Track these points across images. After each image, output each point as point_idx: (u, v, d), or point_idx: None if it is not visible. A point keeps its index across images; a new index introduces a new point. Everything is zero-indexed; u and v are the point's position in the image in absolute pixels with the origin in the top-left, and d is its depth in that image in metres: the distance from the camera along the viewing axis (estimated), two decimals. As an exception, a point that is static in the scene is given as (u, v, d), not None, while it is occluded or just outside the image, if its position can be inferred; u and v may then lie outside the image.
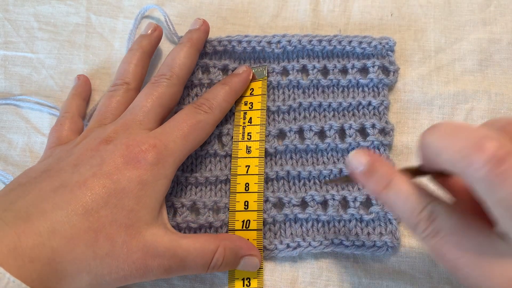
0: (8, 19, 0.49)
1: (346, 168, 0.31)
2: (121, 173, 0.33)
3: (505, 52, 0.46)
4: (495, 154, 0.22)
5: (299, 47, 0.45)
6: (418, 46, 0.46)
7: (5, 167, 0.44)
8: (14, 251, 0.28)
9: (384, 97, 0.43)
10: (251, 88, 0.44)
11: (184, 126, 0.37)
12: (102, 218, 0.32)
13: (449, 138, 0.25)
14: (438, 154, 0.26)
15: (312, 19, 0.48)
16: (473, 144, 0.23)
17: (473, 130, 0.24)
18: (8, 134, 0.45)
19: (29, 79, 0.47)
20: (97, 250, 0.31)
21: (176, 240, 0.34)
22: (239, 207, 0.40)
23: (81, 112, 0.44)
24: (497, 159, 0.22)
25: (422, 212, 0.27)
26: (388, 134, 0.42)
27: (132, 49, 0.43)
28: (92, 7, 0.49)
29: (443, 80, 0.45)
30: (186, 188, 0.42)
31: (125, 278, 0.33)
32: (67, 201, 0.31)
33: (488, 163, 0.22)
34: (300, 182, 0.42)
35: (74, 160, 0.35)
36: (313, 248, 0.39)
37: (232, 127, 0.43)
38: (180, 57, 0.41)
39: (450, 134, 0.25)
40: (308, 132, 0.43)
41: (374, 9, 0.48)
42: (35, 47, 0.48)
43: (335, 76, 0.44)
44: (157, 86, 0.39)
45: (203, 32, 0.44)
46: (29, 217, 0.30)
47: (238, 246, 0.37)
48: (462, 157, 0.24)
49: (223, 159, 0.43)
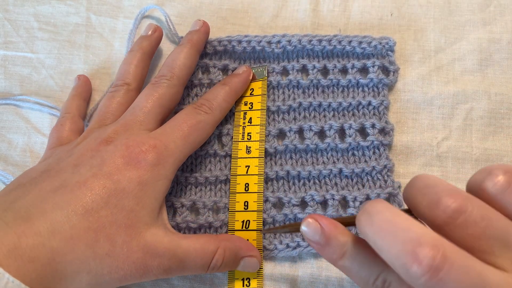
0: (8, 19, 0.49)
1: (303, 235, 0.31)
2: (121, 174, 0.33)
3: (505, 52, 0.46)
4: (431, 263, 0.23)
5: (299, 47, 0.45)
6: (418, 46, 0.46)
7: (5, 167, 0.44)
8: (14, 251, 0.28)
9: (384, 97, 0.43)
10: (251, 88, 0.44)
11: (184, 126, 0.37)
12: (102, 218, 0.32)
13: (385, 238, 0.25)
14: (378, 250, 0.26)
15: (312, 19, 0.48)
16: (409, 252, 0.24)
17: (409, 231, 0.24)
18: (8, 134, 0.45)
19: (29, 79, 0.47)
20: (97, 250, 0.31)
21: (176, 241, 0.34)
22: (239, 207, 0.40)
23: (82, 113, 0.44)
24: (433, 269, 0.23)
25: (376, 281, 0.28)
26: (388, 134, 0.42)
27: (133, 50, 0.43)
28: (92, 7, 0.49)
29: (443, 80, 0.45)
30: (185, 188, 0.42)
31: (125, 278, 0.33)
32: (67, 201, 0.31)
33: (426, 273, 0.23)
34: (299, 182, 0.42)
35: (74, 160, 0.35)
36: (312, 248, 0.39)
37: (232, 127, 0.43)
38: (180, 58, 0.41)
39: (386, 233, 0.25)
40: (308, 132, 0.43)
41: (374, 9, 0.48)
42: (35, 47, 0.48)
43: (335, 76, 0.44)
44: (158, 87, 0.39)
45: (203, 33, 0.44)
46: (29, 217, 0.30)
47: (238, 246, 0.37)
48: (400, 265, 0.24)
49: (223, 159, 0.43)
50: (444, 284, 0.23)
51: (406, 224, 0.25)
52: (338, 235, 0.30)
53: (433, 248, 0.23)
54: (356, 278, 0.29)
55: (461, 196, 0.26)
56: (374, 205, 0.27)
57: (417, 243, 0.24)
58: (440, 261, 0.23)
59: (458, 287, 0.23)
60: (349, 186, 0.41)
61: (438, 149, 0.43)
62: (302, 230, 0.31)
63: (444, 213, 0.25)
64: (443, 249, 0.23)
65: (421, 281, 0.23)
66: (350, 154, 0.42)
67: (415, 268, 0.23)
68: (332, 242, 0.29)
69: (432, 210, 0.26)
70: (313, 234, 0.30)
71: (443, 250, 0.23)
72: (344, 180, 0.42)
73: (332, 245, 0.29)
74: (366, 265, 0.28)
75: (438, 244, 0.24)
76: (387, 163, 0.41)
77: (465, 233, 0.25)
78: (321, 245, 0.30)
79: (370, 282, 0.28)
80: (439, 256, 0.23)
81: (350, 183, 0.41)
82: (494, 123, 0.44)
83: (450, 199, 0.25)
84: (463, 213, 0.25)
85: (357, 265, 0.29)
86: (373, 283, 0.28)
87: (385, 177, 0.41)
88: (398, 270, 0.25)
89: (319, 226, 0.30)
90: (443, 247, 0.24)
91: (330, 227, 0.30)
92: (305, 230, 0.30)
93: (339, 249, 0.29)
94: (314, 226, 0.30)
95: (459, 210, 0.25)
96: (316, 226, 0.30)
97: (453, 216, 0.25)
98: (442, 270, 0.23)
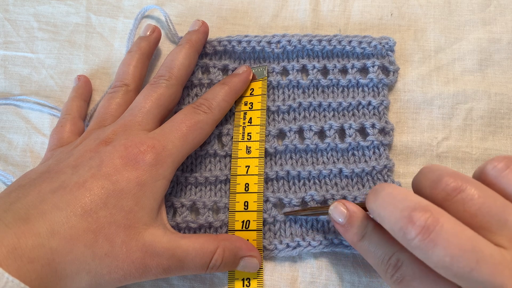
0: (8, 19, 0.49)
1: (330, 217, 0.36)
2: (120, 174, 0.33)
3: (505, 52, 0.46)
4: (423, 224, 0.26)
5: (299, 47, 0.45)
6: (418, 46, 0.46)
7: (5, 167, 0.44)
8: (14, 251, 0.28)
9: (384, 97, 0.43)
10: (251, 88, 0.44)
11: (183, 126, 0.37)
12: (101, 218, 0.32)
13: (387, 208, 0.29)
14: (381, 221, 0.29)
15: (312, 19, 0.48)
16: (405, 216, 0.27)
17: (406, 200, 0.28)
18: (8, 134, 0.45)
19: (29, 79, 0.47)
20: (96, 250, 0.31)
21: (175, 240, 0.34)
22: (239, 207, 0.40)
23: (82, 114, 0.44)
24: (426, 229, 0.26)
25: (390, 260, 0.31)
26: (388, 134, 0.42)
27: (131, 51, 0.44)
28: (92, 7, 0.49)
29: (443, 80, 0.45)
30: (185, 188, 0.42)
31: (124, 277, 0.33)
32: (66, 202, 0.31)
33: (419, 234, 0.26)
34: (300, 182, 0.42)
35: (73, 161, 0.35)
36: (312, 248, 0.39)
37: (232, 127, 0.43)
38: (179, 58, 0.41)
39: (387, 204, 0.29)
40: (308, 132, 0.43)
41: (374, 9, 0.48)
42: (35, 47, 0.48)
43: (335, 76, 0.44)
44: (156, 87, 0.39)
45: (202, 33, 0.44)
46: (29, 218, 0.30)
47: (237, 246, 0.37)
48: (398, 229, 0.27)
49: (223, 159, 0.43)
50: (435, 245, 0.26)
51: (404, 195, 0.28)
52: (360, 219, 0.34)
53: (425, 211, 0.26)
54: (373, 257, 0.32)
55: (460, 177, 0.28)
56: (381, 184, 0.31)
57: (412, 209, 0.27)
58: (431, 222, 0.26)
59: (449, 248, 0.26)
60: (349, 186, 0.41)
61: (438, 149, 0.43)
62: (330, 212, 0.35)
63: (444, 190, 0.28)
64: (435, 213, 0.26)
65: (415, 242, 0.26)
66: (350, 154, 0.42)
67: (410, 229, 0.26)
68: (354, 225, 0.34)
69: (433, 189, 0.29)
70: (339, 217, 0.35)
71: (435, 213, 0.26)
72: (344, 180, 0.42)
73: (354, 227, 0.34)
74: (382, 245, 0.32)
75: (431, 209, 0.27)
76: (387, 163, 0.41)
77: (462, 209, 0.27)
78: (344, 227, 0.34)
79: (385, 261, 0.31)
80: (431, 218, 0.26)
81: (350, 183, 0.41)
82: (494, 123, 0.44)
83: (450, 178, 0.28)
84: (462, 191, 0.28)
85: (374, 245, 0.32)
86: (387, 262, 0.31)
87: (385, 177, 0.41)
88: (397, 235, 0.28)
89: (346, 210, 0.34)
90: (435, 211, 0.27)
91: (354, 212, 0.34)
92: (333, 213, 0.35)
93: (360, 230, 0.33)
94: (341, 210, 0.35)
95: (458, 188, 0.28)
96: (342, 210, 0.35)
97: (452, 194, 0.28)
98: (433, 231, 0.26)
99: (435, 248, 0.26)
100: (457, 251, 0.25)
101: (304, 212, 0.39)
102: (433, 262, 0.26)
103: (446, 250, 0.26)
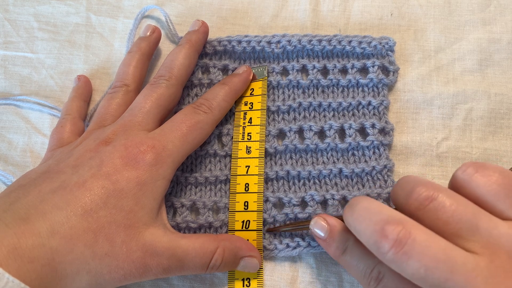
0: (8, 19, 0.49)
1: (311, 232, 0.36)
2: (120, 174, 0.34)
3: (505, 52, 0.46)
4: (396, 238, 0.26)
5: (299, 47, 0.45)
6: (418, 46, 0.46)
7: (5, 167, 0.44)
8: (14, 251, 0.28)
9: (384, 97, 0.43)
10: (251, 88, 0.44)
11: (182, 126, 0.37)
12: (101, 218, 0.32)
13: (362, 222, 0.29)
14: (357, 235, 0.30)
15: (312, 19, 0.48)
16: (378, 230, 0.27)
17: (380, 214, 0.28)
18: (8, 134, 0.45)
19: (29, 79, 0.47)
20: (96, 250, 0.31)
21: (175, 240, 0.34)
22: (239, 207, 0.40)
23: (82, 114, 0.44)
24: (398, 242, 0.26)
25: (372, 273, 0.31)
26: (388, 134, 0.42)
27: (131, 51, 0.44)
28: (92, 7, 0.49)
29: (442, 80, 0.45)
30: (185, 188, 0.42)
31: (125, 277, 0.33)
32: (66, 202, 0.31)
33: (392, 247, 0.26)
34: (299, 182, 0.42)
35: (73, 161, 0.35)
36: (312, 248, 0.39)
37: (232, 127, 0.43)
38: (179, 58, 0.41)
39: (363, 218, 0.29)
40: (308, 132, 0.43)
41: (374, 9, 0.48)
42: (35, 47, 0.48)
43: (335, 76, 0.44)
44: (156, 87, 0.39)
45: (202, 33, 0.44)
46: (29, 218, 0.30)
47: (237, 246, 0.37)
48: (372, 243, 0.28)
49: (223, 159, 0.43)
50: (409, 258, 0.26)
51: (379, 208, 0.29)
52: (340, 232, 0.34)
53: (398, 225, 0.27)
54: (355, 271, 0.33)
55: (432, 186, 0.29)
56: (356, 198, 0.31)
57: (385, 222, 0.27)
58: (404, 235, 0.26)
59: (423, 260, 0.26)
60: (349, 186, 0.41)
61: (438, 149, 0.43)
62: (311, 227, 0.35)
63: (417, 200, 0.29)
64: (407, 225, 0.27)
65: (389, 255, 0.27)
66: (350, 154, 0.42)
67: (383, 243, 0.27)
68: (335, 238, 0.34)
69: (407, 199, 0.29)
70: (320, 231, 0.35)
71: (408, 226, 0.27)
72: (344, 180, 0.42)
73: (335, 241, 0.34)
74: (363, 259, 0.32)
75: (403, 222, 0.27)
76: (387, 163, 0.41)
77: (435, 217, 0.28)
78: (326, 242, 0.35)
79: (367, 274, 0.31)
80: (403, 231, 0.26)
81: (350, 183, 0.41)
82: (494, 123, 0.44)
83: (423, 188, 0.29)
84: (433, 199, 0.28)
85: (355, 259, 0.33)
86: (369, 275, 0.31)
87: (385, 177, 0.41)
88: (372, 248, 0.28)
89: (326, 225, 0.35)
90: (407, 224, 0.27)
91: (335, 226, 0.34)
92: (314, 227, 0.35)
93: (341, 244, 0.34)
94: (322, 225, 0.35)
95: (430, 197, 0.28)
96: (323, 224, 0.35)
97: (424, 203, 0.28)
98: (406, 244, 0.26)
99: (409, 261, 0.26)
100: (431, 262, 0.26)
101: (286, 227, 0.39)
102: (409, 274, 0.26)
103: (420, 262, 0.26)
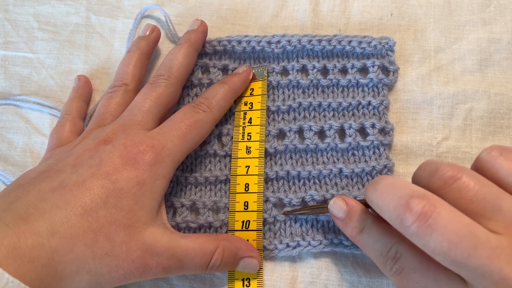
0: (8, 19, 0.49)
1: (329, 212, 0.36)
2: (119, 174, 0.34)
3: (505, 52, 0.46)
4: (421, 211, 0.26)
5: (299, 47, 0.45)
6: (418, 46, 0.46)
7: (5, 167, 0.44)
8: (13, 251, 0.28)
9: (384, 97, 0.43)
10: (251, 88, 0.44)
11: (182, 125, 0.37)
12: (101, 218, 0.32)
13: (385, 197, 0.29)
14: (380, 211, 0.30)
15: (312, 19, 0.48)
16: (402, 203, 0.27)
17: (404, 189, 0.28)
18: (8, 134, 0.45)
19: (29, 79, 0.47)
20: (96, 249, 0.31)
21: (175, 240, 0.34)
22: (239, 207, 0.40)
23: (82, 114, 0.44)
24: (423, 215, 0.26)
25: (389, 252, 0.31)
26: (388, 134, 0.42)
27: (130, 51, 0.44)
28: (92, 7, 0.49)
29: (442, 80, 0.45)
30: (185, 188, 0.42)
31: (124, 276, 0.33)
32: (66, 201, 0.31)
33: (416, 221, 0.26)
34: (300, 182, 0.42)
35: (73, 160, 0.35)
36: (312, 248, 0.39)
37: (232, 127, 0.43)
38: (178, 57, 0.41)
39: (386, 193, 0.29)
40: (308, 132, 0.43)
41: (374, 9, 0.48)
42: (35, 47, 0.48)
43: (335, 76, 0.44)
44: (155, 87, 0.39)
45: (201, 33, 0.44)
46: (28, 218, 0.30)
47: (237, 247, 0.37)
48: (395, 216, 0.28)
49: (222, 159, 0.43)
50: (433, 231, 0.26)
51: (404, 184, 0.29)
52: (358, 212, 0.34)
53: (423, 199, 0.27)
54: (372, 250, 0.33)
55: (456, 167, 0.29)
56: (380, 176, 0.32)
57: (410, 196, 0.27)
58: (429, 209, 0.26)
59: (446, 234, 0.26)
60: (349, 186, 0.41)
61: (438, 149, 0.43)
62: (329, 207, 0.36)
63: (441, 179, 0.29)
64: (432, 200, 0.27)
65: (412, 228, 0.27)
66: (350, 154, 0.42)
67: (407, 216, 0.27)
68: (353, 218, 0.34)
69: (430, 178, 0.29)
70: (338, 211, 0.35)
71: (433, 200, 0.27)
72: (344, 180, 0.42)
73: (353, 220, 0.34)
74: (381, 238, 0.32)
75: (428, 196, 0.27)
76: (387, 163, 0.41)
77: (458, 196, 0.28)
78: (344, 221, 0.35)
79: (384, 253, 0.32)
80: (428, 205, 0.27)
81: (350, 183, 0.41)
82: (494, 123, 0.44)
83: (447, 167, 0.29)
84: (458, 179, 0.28)
85: (373, 238, 0.33)
86: (386, 254, 0.31)
87: (385, 177, 0.41)
88: (395, 222, 0.28)
89: (345, 206, 0.35)
90: (432, 198, 0.27)
91: (353, 206, 0.35)
92: (332, 208, 0.36)
93: (359, 224, 0.34)
94: (340, 205, 0.35)
95: (454, 176, 0.28)
96: (341, 204, 0.35)
97: (448, 182, 0.28)
98: (430, 217, 0.26)
99: (433, 234, 0.26)
100: (455, 236, 0.26)
101: (304, 210, 0.39)
102: (431, 248, 0.26)
103: (443, 236, 0.26)
